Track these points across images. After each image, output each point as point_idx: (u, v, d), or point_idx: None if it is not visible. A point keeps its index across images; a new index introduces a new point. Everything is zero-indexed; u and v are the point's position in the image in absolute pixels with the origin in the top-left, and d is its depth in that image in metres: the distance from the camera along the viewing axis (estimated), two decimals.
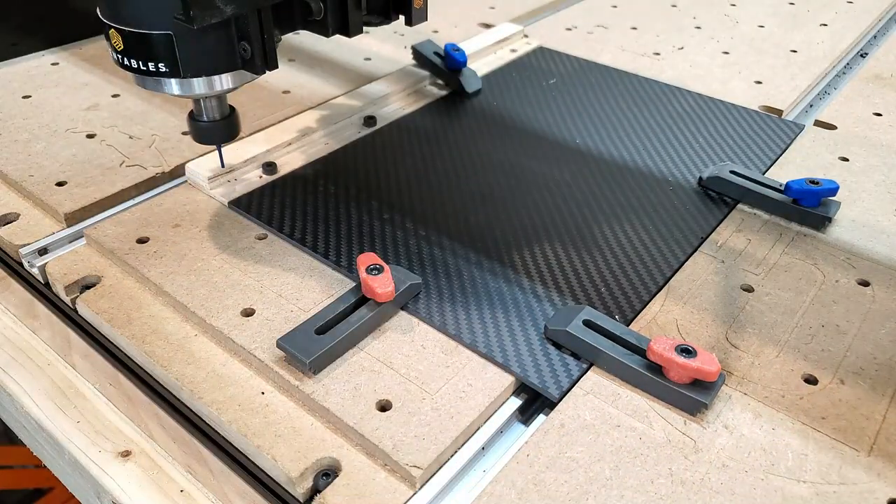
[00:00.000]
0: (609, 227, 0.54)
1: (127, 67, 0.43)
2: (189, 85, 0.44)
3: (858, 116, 0.69)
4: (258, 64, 0.43)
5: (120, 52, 0.43)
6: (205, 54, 0.43)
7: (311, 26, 0.47)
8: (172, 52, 0.42)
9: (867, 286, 0.48)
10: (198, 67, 0.43)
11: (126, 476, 0.39)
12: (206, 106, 0.48)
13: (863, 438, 0.38)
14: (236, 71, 0.44)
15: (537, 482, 0.36)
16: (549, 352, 0.43)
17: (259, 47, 0.43)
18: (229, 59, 0.44)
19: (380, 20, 0.52)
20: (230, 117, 0.49)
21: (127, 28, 0.41)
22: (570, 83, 0.74)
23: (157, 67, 0.42)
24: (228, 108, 0.49)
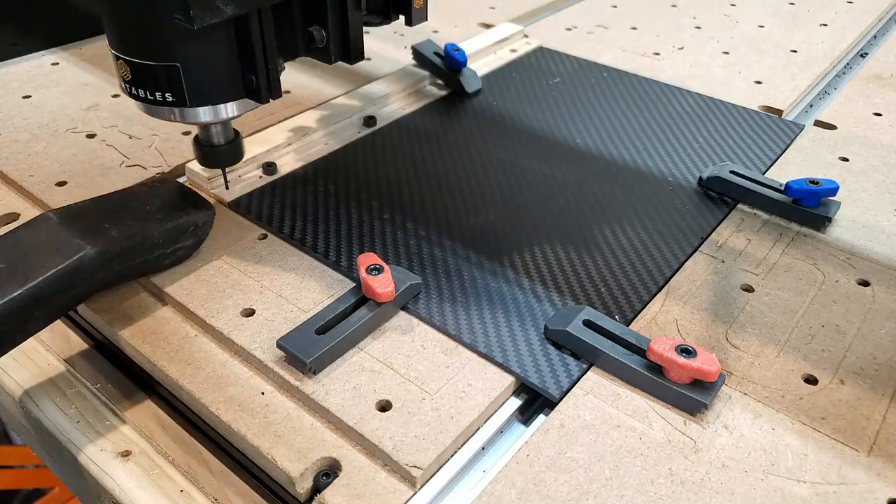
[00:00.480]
0: (609, 227, 0.54)
1: (135, 96, 0.44)
2: (195, 113, 0.45)
3: (858, 116, 0.69)
4: (263, 93, 0.44)
5: (128, 81, 0.44)
6: (211, 84, 0.44)
7: (314, 54, 0.48)
8: (179, 83, 0.43)
9: (867, 286, 0.48)
10: (204, 97, 0.44)
11: (126, 476, 0.39)
12: (212, 131, 0.49)
13: (863, 438, 0.38)
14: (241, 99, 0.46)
15: (537, 482, 0.36)
16: (549, 352, 0.43)
17: (264, 77, 0.44)
18: (234, 88, 0.45)
19: (380, 20, 0.52)
20: (234, 141, 0.50)
21: (135, 59, 0.42)
22: (570, 83, 0.74)
23: (165, 97, 0.43)
24: (233, 132, 0.50)
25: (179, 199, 0.48)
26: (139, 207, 0.45)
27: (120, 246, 0.42)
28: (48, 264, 0.39)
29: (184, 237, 0.46)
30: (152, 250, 0.44)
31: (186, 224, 0.46)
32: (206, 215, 0.48)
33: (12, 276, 0.38)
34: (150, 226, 0.44)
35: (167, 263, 0.47)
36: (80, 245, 0.40)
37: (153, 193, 0.47)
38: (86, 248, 0.40)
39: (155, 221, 0.45)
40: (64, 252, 0.39)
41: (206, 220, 0.48)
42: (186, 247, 0.47)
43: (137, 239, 0.43)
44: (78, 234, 0.41)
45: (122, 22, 0.42)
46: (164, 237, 0.45)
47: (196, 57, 0.42)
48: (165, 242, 0.45)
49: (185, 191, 0.49)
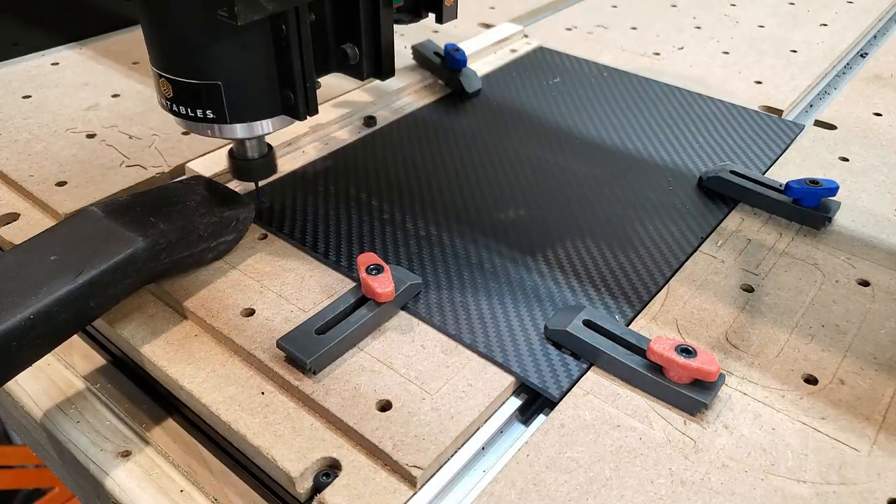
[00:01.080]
0: (609, 226, 0.54)
1: (175, 113, 0.46)
2: (232, 130, 0.46)
3: (858, 116, 0.69)
4: (301, 110, 0.46)
5: (169, 98, 0.45)
6: (250, 101, 0.45)
7: (346, 70, 0.50)
8: (220, 101, 0.44)
9: (867, 286, 0.48)
10: (243, 114, 0.45)
11: (126, 476, 0.39)
12: (247, 146, 0.50)
13: (863, 438, 0.38)
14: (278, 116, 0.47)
15: (537, 482, 0.36)
16: (549, 352, 0.43)
17: (302, 94, 0.45)
18: (272, 105, 0.46)
19: (410, 18, 0.53)
20: (268, 155, 0.51)
21: (178, 78, 0.43)
22: (570, 83, 0.74)
23: (206, 114, 0.45)
24: (266, 147, 0.51)
25: (218, 196, 0.48)
26: (180, 203, 0.46)
27: (168, 238, 0.43)
28: (102, 255, 0.39)
29: (226, 232, 0.47)
30: (197, 243, 0.45)
31: (229, 219, 0.47)
32: (247, 211, 0.49)
33: (66, 267, 0.38)
34: (195, 220, 0.45)
35: (209, 258, 0.48)
36: (132, 237, 0.41)
37: (192, 190, 0.48)
38: (137, 239, 0.41)
39: (199, 216, 0.45)
40: (116, 243, 0.40)
41: (246, 216, 0.49)
42: (228, 241, 0.48)
43: (185, 232, 0.44)
44: (127, 227, 0.42)
45: (166, 41, 0.43)
46: (209, 231, 0.46)
47: (236, 75, 0.44)
48: (210, 236, 0.46)
49: (219, 188, 0.50)
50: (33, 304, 0.36)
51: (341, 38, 0.48)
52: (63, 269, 0.38)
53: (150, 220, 0.43)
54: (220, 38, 0.42)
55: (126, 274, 0.40)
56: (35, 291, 0.36)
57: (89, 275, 0.38)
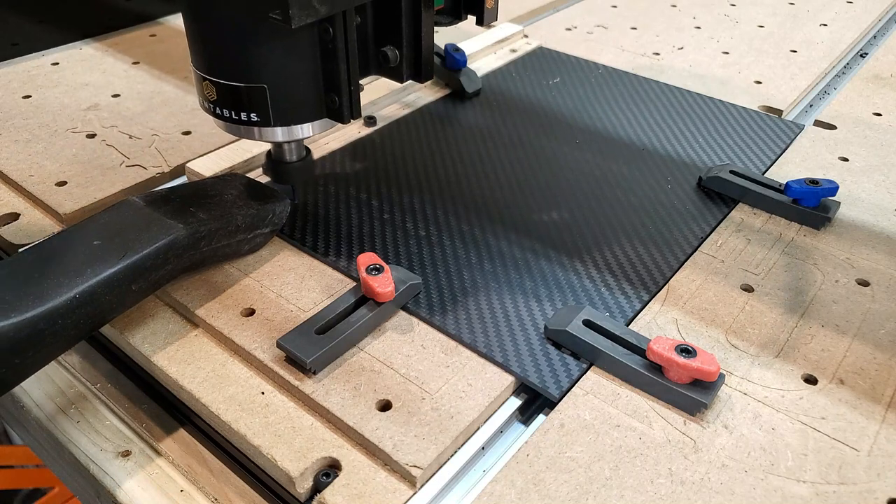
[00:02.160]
0: (609, 226, 0.54)
1: (218, 116, 0.46)
2: (274, 133, 0.46)
3: (858, 116, 0.69)
4: (346, 114, 0.46)
5: (212, 101, 0.45)
6: (294, 105, 0.45)
7: (386, 73, 0.49)
8: (265, 104, 0.44)
9: (867, 286, 0.48)
10: (287, 117, 0.45)
11: (126, 476, 0.39)
12: (285, 149, 0.50)
13: (863, 438, 0.38)
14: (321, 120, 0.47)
15: (537, 482, 0.36)
16: (549, 352, 0.43)
17: (347, 97, 0.45)
18: (315, 108, 0.46)
19: (450, 20, 0.53)
20: (305, 159, 0.52)
21: (223, 81, 0.44)
22: (570, 83, 0.74)
23: (250, 117, 0.45)
24: (305, 150, 0.52)
25: (253, 190, 0.49)
26: (218, 196, 0.47)
27: (208, 227, 0.44)
28: (144, 240, 0.41)
29: (263, 224, 0.48)
30: (235, 234, 0.46)
31: (266, 211, 0.48)
32: (284, 205, 0.49)
33: (110, 251, 0.40)
34: (233, 211, 0.46)
35: (246, 250, 0.49)
36: (173, 224, 0.42)
37: (229, 185, 0.49)
38: (178, 226, 0.42)
39: (237, 207, 0.46)
40: (158, 230, 0.42)
41: (283, 210, 0.49)
42: (264, 234, 0.49)
43: (224, 222, 0.45)
44: (168, 216, 0.43)
45: (212, 44, 0.43)
46: (247, 222, 0.47)
47: (283, 78, 0.44)
48: (247, 228, 0.47)
49: (255, 184, 0.50)
50: (78, 284, 0.37)
51: (382, 40, 0.48)
52: (107, 253, 0.40)
53: (190, 209, 0.44)
54: (268, 41, 0.42)
55: (167, 260, 0.42)
56: (80, 272, 0.38)
57: (132, 259, 0.40)
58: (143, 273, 0.40)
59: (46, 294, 0.36)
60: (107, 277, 0.38)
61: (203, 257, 0.45)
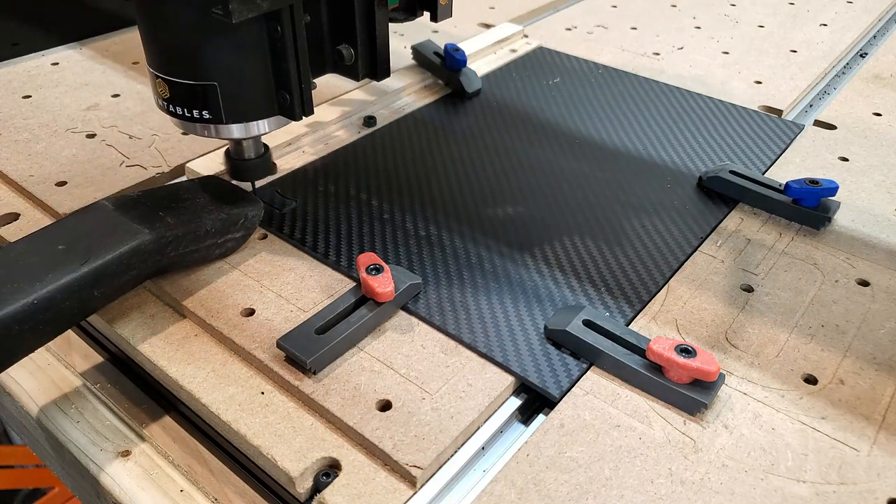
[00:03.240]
0: (609, 226, 0.54)
1: (172, 113, 0.46)
2: (229, 130, 0.46)
3: (858, 116, 0.69)
4: (297, 111, 0.46)
5: (166, 99, 0.45)
6: (246, 102, 0.45)
7: (342, 71, 0.50)
8: (217, 101, 0.44)
9: (867, 286, 0.48)
10: (239, 114, 0.46)
11: (126, 476, 0.39)
12: (244, 146, 0.51)
13: (863, 438, 0.38)
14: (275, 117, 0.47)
15: (537, 482, 0.36)
16: (549, 352, 0.43)
17: (298, 95, 0.45)
18: (268, 105, 0.46)
19: (405, 17, 0.53)
20: (264, 156, 0.52)
21: (174, 79, 0.44)
22: (569, 83, 0.74)
23: (202, 114, 0.45)
24: (263, 147, 0.52)
25: (227, 194, 0.49)
26: (190, 199, 0.47)
27: (175, 232, 0.44)
28: (108, 246, 0.40)
29: (234, 229, 0.48)
30: (204, 239, 0.46)
31: (237, 216, 0.48)
32: (256, 209, 0.49)
33: (73, 255, 0.39)
34: (203, 216, 0.46)
35: (217, 254, 0.48)
36: (138, 229, 0.42)
37: (202, 188, 0.49)
38: (144, 231, 0.42)
39: (207, 212, 0.46)
40: (122, 235, 0.41)
41: (255, 214, 0.49)
42: (236, 238, 0.49)
43: (192, 227, 0.45)
44: (135, 220, 0.43)
45: (163, 42, 0.43)
46: (217, 227, 0.46)
47: (232, 76, 0.44)
48: (217, 233, 0.47)
49: (232, 187, 0.51)
50: (37, 289, 0.37)
51: (337, 38, 0.48)
52: (69, 258, 0.39)
53: (159, 214, 0.44)
54: (215, 38, 0.42)
55: (131, 265, 0.41)
56: (40, 278, 0.38)
57: (94, 264, 0.39)
58: (105, 278, 0.40)
59: (4, 299, 0.36)
60: (67, 283, 0.38)
61: (171, 262, 0.45)
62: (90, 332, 0.48)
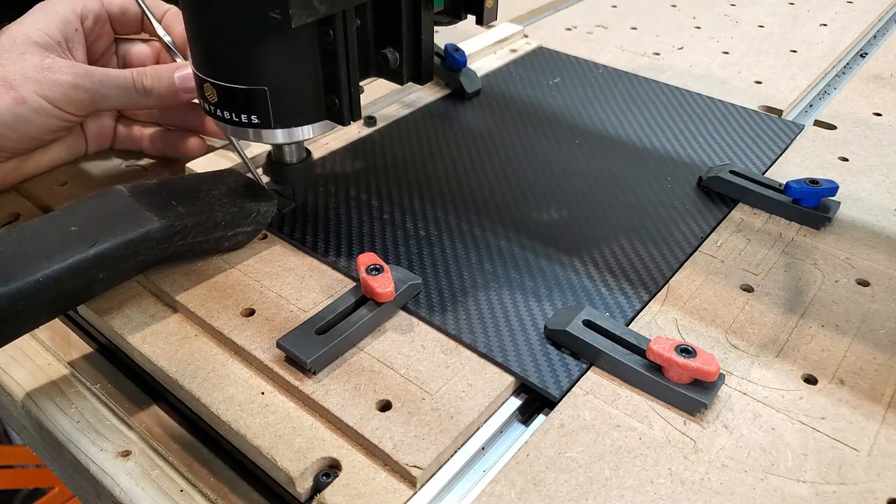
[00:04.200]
0: (609, 226, 0.54)
1: (219, 118, 0.46)
2: (274, 135, 0.46)
3: (858, 116, 0.69)
4: (345, 115, 0.46)
5: (214, 104, 0.45)
6: (295, 107, 0.45)
7: (386, 75, 0.49)
8: (266, 106, 0.44)
9: (867, 286, 0.48)
10: (288, 119, 0.46)
11: (126, 476, 0.39)
12: (285, 151, 0.51)
13: (863, 438, 0.38)
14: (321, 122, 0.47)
15: (537, 482, 0.36)
16: (549, 352, 0.43)
17: (347, 99, 0.45)
18: (315, 110, 0.46)
19: (449, 20, 0.53)
20: (306, 160, 0.52)
21: (224, 83, 0.44)
22: (570, 83, 0.74)
23: (250, 119, 0.45)
24: (305, 151, 0.52)
25: (244, 188, 0.50)
26: (205, 191, 0.48)
27: (184, 222, 0.44)
28: (117, 230, 0.41)
29: (245, 222, 0.48)
30: (213, 231, 0.46)
31: (249, 210, 0.48)
32: (269, 205, 0.50)
33: (83, 238, 0.40)
34: (214, 207, 0.46)
35: (226, 246, 0.49)
36: (148, 217, 0.43)
37: (219, 180, 0.50)
38: (153, 219, 0.43)
39: (220, 204, 0.47)
40: (132, 221, 0.42)
41: (267, 209, 0.50)
42: (246, 232, 0.49)
43: (202, 218, 0.45)
44: (147, 208, 0.44)
45: (213, 46, 0.43)
46: (227, 220, 0.47)
47: (283, 80, 0.44)
48: (227, 225, 0.47)
49: (248, 181, 0.51)
50: (44, 268, 0.38)
51: (382, 42, 0.48)
52: (79, 240, 0.40)
53: (171, 203, 0.45)
54: (269, 42, 0.42)
55: (138, 251, 0.42)
56: (49, 257, 0.39)
57: (100, 247, 0.40)
58: (111, 262, 0.41)
59: (12, 275, 0.37)
60: (73, 264, 0.39)
61: (178, 251, 0.45)
62: (90, 332, 0.48)
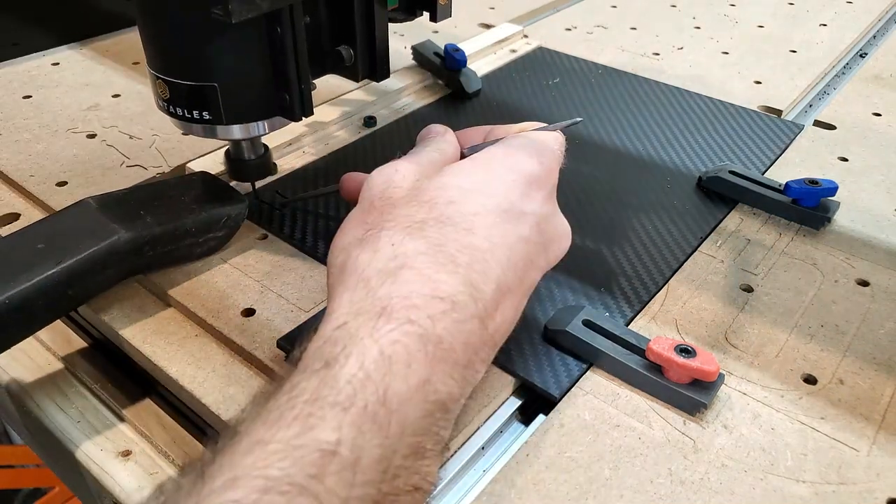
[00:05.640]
0: (609, 226, 0.54)
1: (172, 114, 0.46)
2: (228, 131, 0.46)
3: (858, 116, 0.69)
4: (297, 111, 0.46)
5: (166, 100, 0.45)
6: (246, 103, 0.45)
7: (341, 71, 0.50)
8: (217, 102, 0.44)
9: (866, 286, 0.48)
10: (239, 115, 0.46)
11: (126, 476, 0.39)
12: (243, 147, 0.51)
13: (862, 438, 0.38)
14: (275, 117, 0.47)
15: (537, 482, 0.36)
16: (549, 352, 0.43)
17: (297, 95, 0.45)
18: (267, 106, 0.46)
19: (404, 17, 0.53)
20: (264, 156, 0.52)
21: (174, 79, 0.44)
22: (569, 83, 0.74)
23: (202, 115, 0.45)
24: (263, 147, 0.52)
25: (213, 192, 0.49)
26: (174, 197, 0.47)
27: (152, 232, 0.44)
28: (82, 246, 0.41)
29: (216, 228, 0.48)
30: (184, 238, 0.46)
31: (219, 215, 0.48)
32: (240, 208, 0.49)
33: (49, 255, 0.40)
34: (183, 215, 0.46)
35: (198, 253, 0.48)
36: (114, 229, 0.42)
37: (188, 185, 0.49)
38: (119, 231, 0.42)
39: (189, 211, 0.46)
40: (98, 235, 0.42)
41: (238, 213, 0.49)
42: (219, 237, 0.49)
43: (170, 227, 0.45)
44: (114, 219, 0.43)
45: (162, 43, 0.44)
46: (197, 227, 0.46)
47: (232, 76, 0.44)
48: (198, 232, 0.47)
49: (219, 184, 0.51)
50: (11, 288, 0.37)
51: (336, 39, 0.48)
52: (46, 257, 0.40)
53: (140, 213, 0.44)
54: (215, 39, 0.42)
55: (106, 265, 0.42)
56: (15, 277, 0.38)
57: (67, 263, 0.40)
58: (79, 278, 0.40)
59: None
60: (40, 282, 0.38)
61: (149, 261, 0.45)
62: (90, 332, 0.48)
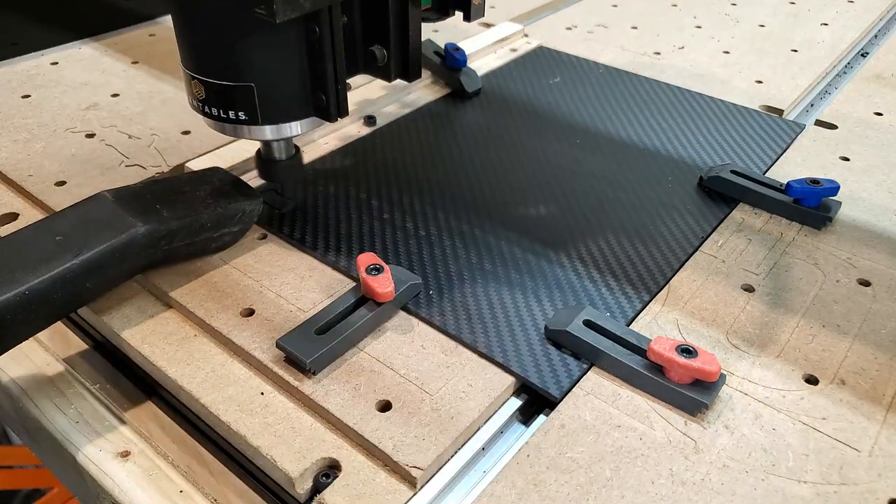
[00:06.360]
0: (610, 226, 0.53)
1: (207, 114, 0.46)
2: (262, 131, 0.46)
3: (859, 116, 0.69)
4: (332, 112, 0.46)
5: (201, 100, 0.45)
6: (282, 103, 0.45)
7: (373, 71, 0.50)
8: (253, 102, 0.44)
9: (868, 286, 0.48)
10: (275, 115, 0.46)
11: (126, 476, 0.39)
12: (274, 147, 0.51)
13: (863, 438, 0.38)
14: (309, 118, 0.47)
15: (537, 482, 0.36)
16: (550, 352, 0.43)
17: (334, 96, 0.45)
18: (303, 107, 0.46)
19: (437, 17, 0.53)
20: (294, 157, 0.52)
21: (211, 80, 0.44)
22: (570, 83, 0.74)
23: (238, 115, 0.45)
24: (294, 148, 0.52)
25: (229, 188, 0.49)
26: (190, 192, 0.47)
27: (169, 226, 0.44)
28: (101, 238, 0.41)
29: (231, 223, 0.48)
30: (199, 233, 0.46)
31: (234, 211, 0.48)
32: (254, 204, 0.49)
33: (68, 247, 0.40)
34: (199, 210, 0.46)
35: (213, 247, 0.49)
36: (132, 222, 0.43)
37: (204, 180, 0.49)
38: (137, 225, 0.42)
39: (205, 206, 0.47)
40: (117, 228, 0.42)
41: (253, 209, 0.49)
42: (233, 233, 0.49)
43: (186, 221, 0.45)
44: (131, 213, 0.43)
45: (200, 43, 0.43)
46: (213, 222, 0.47)
47: (270, 77, 0.44)
48: (213, 227, 0.47)
49: (234, 180, 0.51)
50: (30, 280, 0.38)
51: (369, 39, 0.48)
52: (64, 250, 0.40)
53: (156, 207, 0.44)
54: (255, 40, 0.42)
55: (123, 258, 0.42)
56: (34, 268, 0.38)
57: (85, 256, 0.40)
58: (97, 271, 0.41)
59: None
60: (59, 275, 0.39)
61: (165, 255, 0.45)
62: (90, 333, 0.48)
